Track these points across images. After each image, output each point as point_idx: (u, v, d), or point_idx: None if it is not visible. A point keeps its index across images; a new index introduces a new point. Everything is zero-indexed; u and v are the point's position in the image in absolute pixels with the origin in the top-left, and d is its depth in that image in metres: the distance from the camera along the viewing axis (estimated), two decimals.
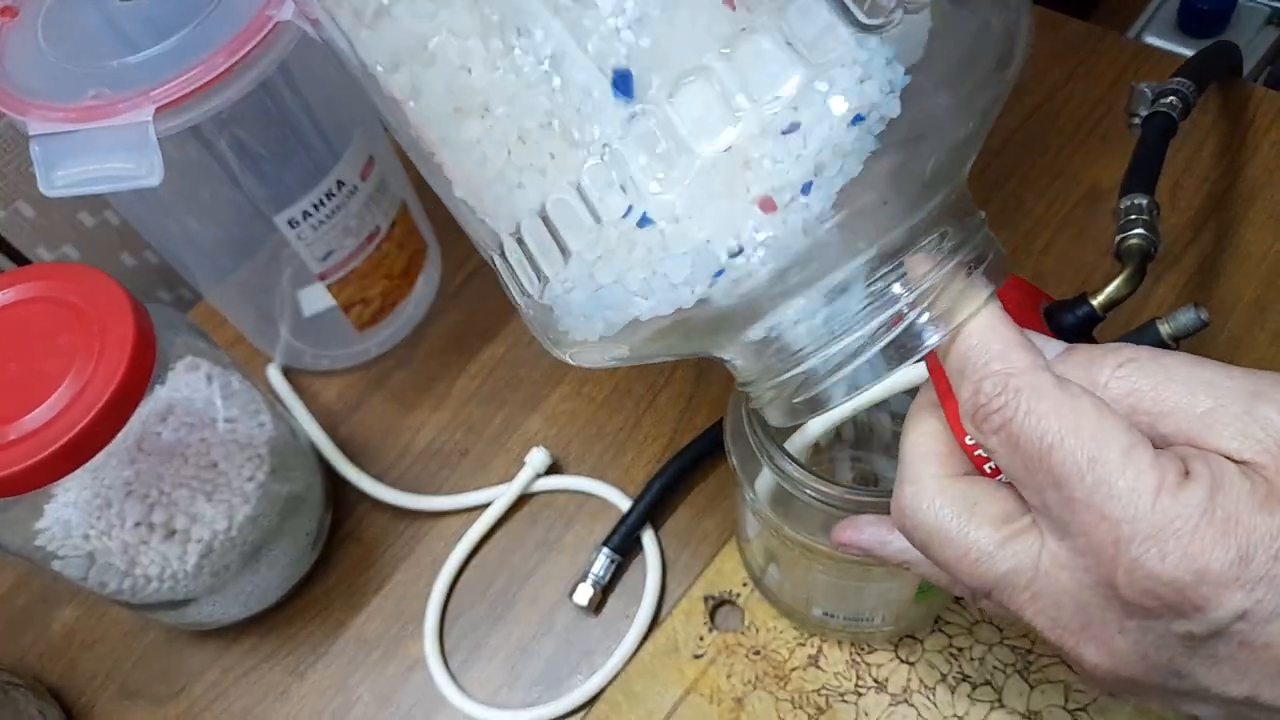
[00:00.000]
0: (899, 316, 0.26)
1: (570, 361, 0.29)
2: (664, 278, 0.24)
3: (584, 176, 0.24)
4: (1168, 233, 0.55)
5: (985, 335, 0.26)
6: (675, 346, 0.27)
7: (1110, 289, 0.39)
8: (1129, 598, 0.24)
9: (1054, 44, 0.64)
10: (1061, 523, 0.25)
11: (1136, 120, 0.51)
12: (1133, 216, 0.41)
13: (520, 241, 0.26)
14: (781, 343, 0.27)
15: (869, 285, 0.26)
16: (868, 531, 0.32)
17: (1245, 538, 0.22)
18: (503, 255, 0.27)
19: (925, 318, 0.26)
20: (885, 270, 0.26)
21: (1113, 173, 0.42)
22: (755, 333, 0.27)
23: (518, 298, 0.28)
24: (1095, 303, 0.39)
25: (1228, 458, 0.24)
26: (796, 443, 0.34)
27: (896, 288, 0.26)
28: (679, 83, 0.23)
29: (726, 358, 0.29)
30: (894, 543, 0.31)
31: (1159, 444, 0.25)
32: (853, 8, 0.23)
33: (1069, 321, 0.36)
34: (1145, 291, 0.53)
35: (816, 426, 0.34)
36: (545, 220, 0.25)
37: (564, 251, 0.25)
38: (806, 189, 0.23)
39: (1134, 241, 0.40)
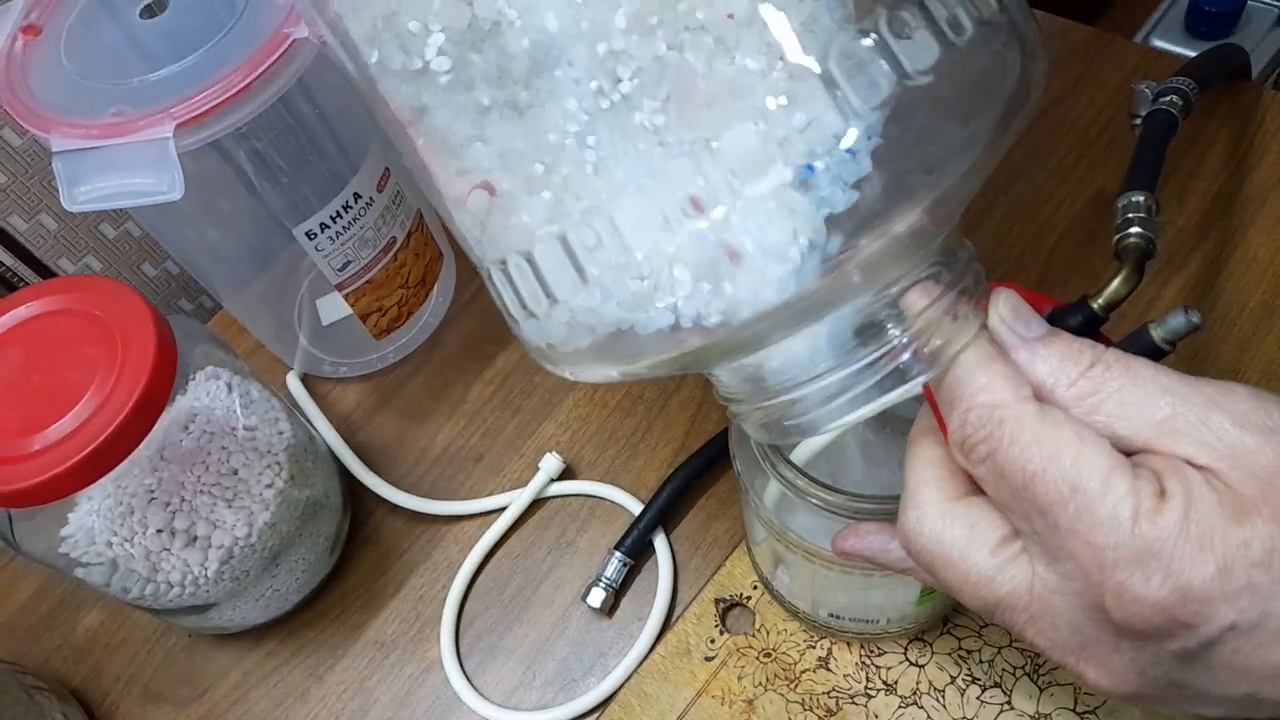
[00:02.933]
0: (894, 352, 0.26)
1: (568, 377, 0.30)
2: (681, 310, 0.25)
3: (619, 209, 0.24)
4: (1175, 237, 0.55)
5: (972, 369, 0.27)
6: (670, 368, 0.28)
7: (1109, 290, 0.39)
8: (1119, 621, 0.24)
9: (1060, 49, 0.64)
10: (1050, 548, 0.25)
11: (1138, 121, 0.51)
12: (1130, 215, 0.41)
13: (530, 261, 0.26)
14: (775, 371, 0.28)
15: (865, 320, 0.27)
16: (869, 539, 0.32)
17: (1222, 551, 0.23)
18: (504, 271, 0.28)
19: (919, 353, 0.26)
20: (880, 305, 0.27)
21: (1119, 178, 0.43)
22: (750, 362, 0.28)
23: (516, 313, 0.28)
24: (1096, 305, 0.39)
25: (1187, 462, 0.25)
26: (800, 451, 0.35)
27: (891, 324, 0.26)
28: (726, 124, 0.23)
29: (715, 373, 0.30)
30: (895, 551, 0.31)
31: (1118, 446, 0.25)
32: (903, 61, 0.23)
33: (1071, 325, 0.36)
34: (1152, 296, 0.53)
35: (818, 439, 0.35)
36: (565, 246, 0.25)
37: (583, 277, 0.25)
38: (819, 233, 0.24)
39: (1131, 240, 0.40)
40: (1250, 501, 0.24)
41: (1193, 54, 0.58)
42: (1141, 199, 0.42)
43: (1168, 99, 0.49)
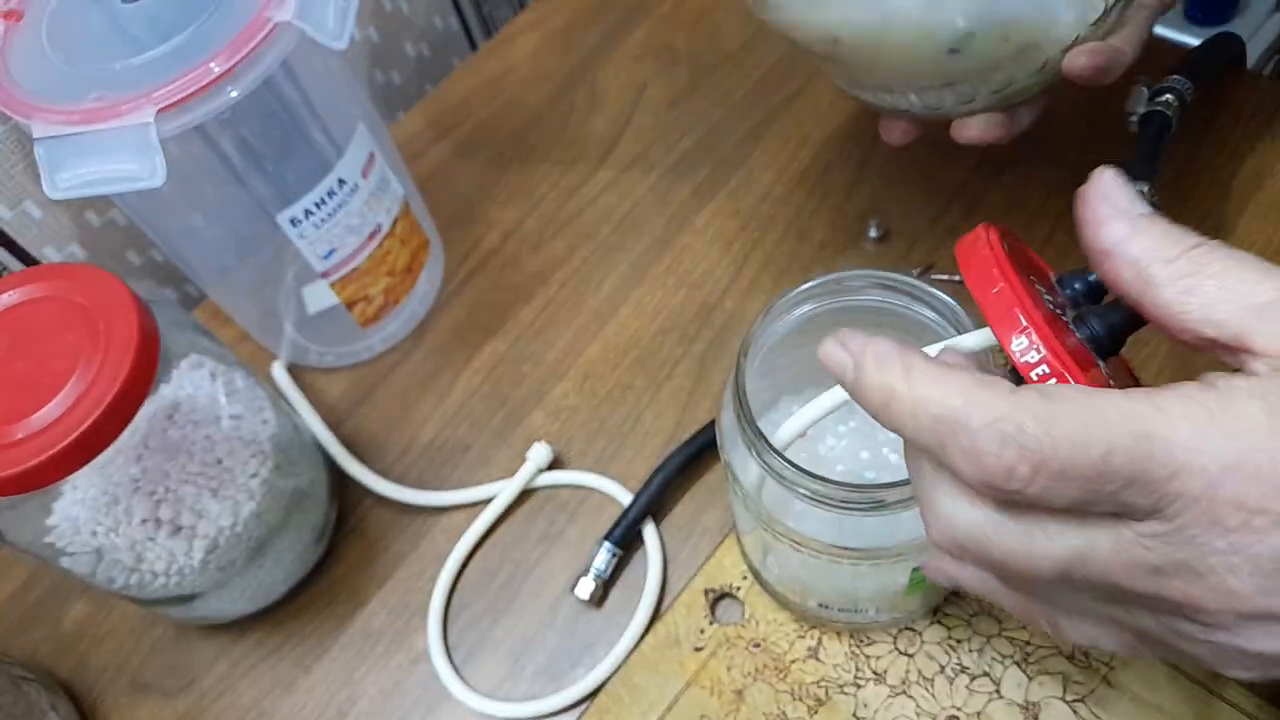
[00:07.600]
0: None
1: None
2: None
3: None
4: None
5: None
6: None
7: None
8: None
9: None
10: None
11: (1134, 118, 0.52)
12: None
13: None
14: None
15: None
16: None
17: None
18: None
19: None
20: None
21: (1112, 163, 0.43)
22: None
23: None
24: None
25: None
26: (782, 438, 0.35)
27: None
28: None
29: None
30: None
31: (1210, 333, 0.24)
32: None
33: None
34: None
35: (800, 422, 0.34)
36: None
37: None
38: None
39: None
40: None
41: (1190, 40, 0.58)
42: (1145, 190, 0.42)
43: (1163, 99, 0.49)
